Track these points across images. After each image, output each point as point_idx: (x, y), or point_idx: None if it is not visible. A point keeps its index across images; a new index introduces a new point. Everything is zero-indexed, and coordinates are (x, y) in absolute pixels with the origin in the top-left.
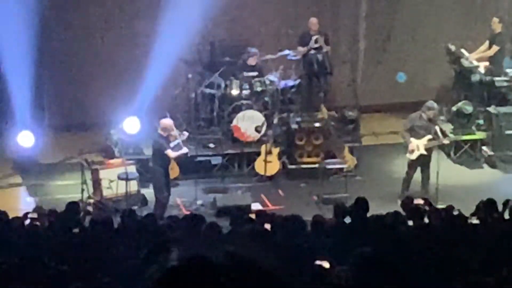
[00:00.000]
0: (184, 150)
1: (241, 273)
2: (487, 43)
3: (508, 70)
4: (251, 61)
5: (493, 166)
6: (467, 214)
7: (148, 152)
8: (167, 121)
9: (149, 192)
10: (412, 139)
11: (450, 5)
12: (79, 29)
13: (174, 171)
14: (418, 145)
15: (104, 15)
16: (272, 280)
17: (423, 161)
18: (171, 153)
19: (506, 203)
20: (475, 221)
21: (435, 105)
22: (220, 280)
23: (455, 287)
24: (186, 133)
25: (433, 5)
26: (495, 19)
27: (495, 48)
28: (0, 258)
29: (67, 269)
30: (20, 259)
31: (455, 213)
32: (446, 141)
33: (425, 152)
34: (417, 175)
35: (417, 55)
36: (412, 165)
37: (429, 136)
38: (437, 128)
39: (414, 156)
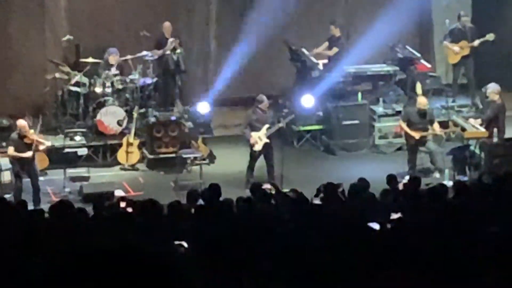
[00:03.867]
0: (27, 154)
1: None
2: (326, 43)
3: (344, 67)
4: (111, 60)
5: (331, 153)
6: (309, 196)
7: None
8: (21, 122)
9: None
10: (252, 133)
11: (292, 10)
12: None
13: (44, 161)
14: (259, 137)
15: None
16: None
17: (266, 150)
18: (10, 151)
19: (338, 186)
20: (316, 201)
21: (265, 97)
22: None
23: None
24: (48, 143)
25: (277, 9)
26: (332, 27)
27: (335, 49)
28: None
29: None
30: None
31: (299, 195)
32: (282, 124)
33: (267, 141)
34: (263, 162)
35: (263, 54)
36: (255, 155)
37: (267, 125)
38: (271, 117)
39: (258, 147)
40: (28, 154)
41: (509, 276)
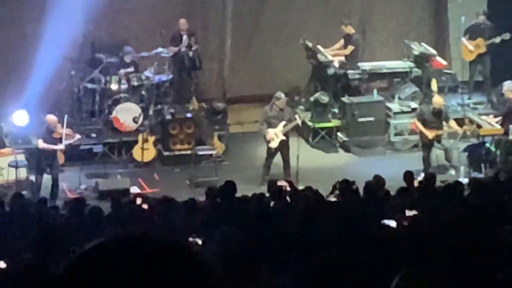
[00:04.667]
0: (59, 146)
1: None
2: (342, 41)
3: (359, 64)
4: (127, 58)
5: (347, 150)
6: (324, 193)
7: (36, 142)
8: (51, 117)
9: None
10: (269, 129)
11: (308, 7)
12: None
13: (59, 158)
14: (276, 133)
15: None
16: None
17: (283, 146)
18: (40, 143)
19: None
20: (332, 199)
21: (283, 95)
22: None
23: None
24: (78, 136)
25: (293, 7)
26: (343, 26)
27: (350, 48)
28: None
29: None
30: None
31: (314, 192)
32: (298, 121)
33: (284, 138)
34: (278, 159)
35: (279, 51)
36: (272, 152)
37: (284, 122)
38: (289, 114)
39: (275, 144)
40: (60, 146)
41: None
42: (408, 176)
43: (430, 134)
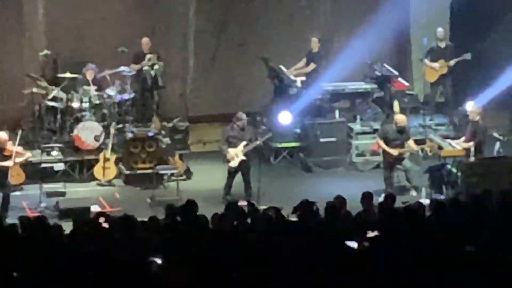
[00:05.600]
0: (8, 163)
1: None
2: (304, 60)
3: (322, 84)
4: (89, 76)
5: (308, 170)
6: (285, 213)
7: None
8: (1, 135)
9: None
10: (229, 149)
11: (271, 26)
12: None
13: (20, 176)
14: (236, 153)
15: None
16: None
17: (243, 167)
18: None
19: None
20: (293, 219)
21: (244, 115)
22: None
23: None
24: (29, 154)
25: (257, 26)
26: (315, 39)
27: (312, 65)
28: None
29: None
30: None
31: (275, 213)
32: (259, 142)
33: (244, 158)
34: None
35: (242, 70)
36: (232, 171)
37: (244, 142)
38: (250, 134)
39: (235, 164)
40: (9, 163)
41: None
42: (366, 197)
43: (394, 151)
